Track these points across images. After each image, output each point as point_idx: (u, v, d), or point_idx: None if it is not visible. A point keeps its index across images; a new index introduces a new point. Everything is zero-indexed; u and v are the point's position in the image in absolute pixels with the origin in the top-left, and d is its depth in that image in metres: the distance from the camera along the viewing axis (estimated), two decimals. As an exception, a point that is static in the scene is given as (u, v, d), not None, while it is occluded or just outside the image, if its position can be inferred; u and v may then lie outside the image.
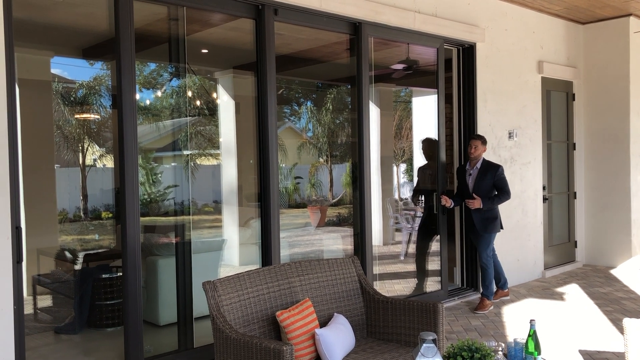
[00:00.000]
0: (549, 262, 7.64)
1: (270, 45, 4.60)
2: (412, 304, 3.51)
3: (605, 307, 5.88)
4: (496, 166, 5.89)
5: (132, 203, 3.90)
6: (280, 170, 9.32)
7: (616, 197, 7.84)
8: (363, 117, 5.34)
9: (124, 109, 3.89)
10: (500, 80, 6.76)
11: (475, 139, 5.95)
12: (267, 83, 4.59)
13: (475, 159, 5.92)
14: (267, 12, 4.57)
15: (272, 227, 4.64)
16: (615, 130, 7.82)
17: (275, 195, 4.67)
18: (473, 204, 5.77)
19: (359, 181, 5.41)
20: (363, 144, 5.34)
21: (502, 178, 5.85)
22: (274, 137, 4.65)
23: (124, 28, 3.87)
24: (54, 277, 6.19)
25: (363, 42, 5.27)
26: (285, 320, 3.20)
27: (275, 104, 4.66)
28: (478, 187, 5.84)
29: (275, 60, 4.64)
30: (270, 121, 4.62)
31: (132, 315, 3.90)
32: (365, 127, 5.35)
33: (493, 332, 5.12)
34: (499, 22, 6.72)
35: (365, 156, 5.36)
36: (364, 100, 5.33)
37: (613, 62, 7.82)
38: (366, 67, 5.32)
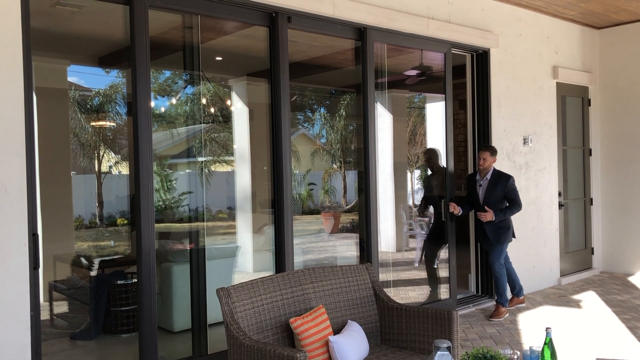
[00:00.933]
0: (565, 269, 7.56)
1: (284, 53, 4.62)
2: (426, 311, 3.49)
3: (622, 315, 5.80)
4: (507, 177, 5.79)
5: (147, 210, 3.92)
6: (294, 177, 9.34)
7: (633, 203, 7.75)
8: (368, 123, 5.30)
9: (139, 116, 3.92)
10: (515, 85, 6.73)
11: (484, 150, 5.84)
12: (281, 90, 4.61)
13: (485, 170, 5.83)
14: (280, 19, 4.60)
15: (286, 234, 4.65)
16: (631, 135, 7.74)
17: (288, 201, 4.67)
18: (485, 217, 5.67)
19: (364, 188, 5.36)
20: (369, 151, 5.31)
21: (513, 189, 5.75)
22: (287, 144, 4.66)
23: (139, 36, 3.91)
24: (69, 284, 6.24)
25: (368, 47, 5.24)
26: (299, 327, 3.20)
27: (288, 111, 4.67)
28: (488, 198, 5.74)
29: (288, 67, 4.66)
30: (284, 128, 4.63)
31: (147, 321, 3.92)
32: (370, 133, 5.31)
33: (508, 340, 5.07)
34: (513, 27, 6.69)
35: (371, 163, 5.33)
36: (369, 106, 5.29)
37: (629, 67, 7.74)
38: (371, 72, 5.28)
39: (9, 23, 3.37)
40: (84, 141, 10.19)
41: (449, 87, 6.06)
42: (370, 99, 5.29)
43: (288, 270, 4.56)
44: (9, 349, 3.33)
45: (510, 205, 5.74)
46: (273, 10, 4.56)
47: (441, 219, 6.14)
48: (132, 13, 3.89)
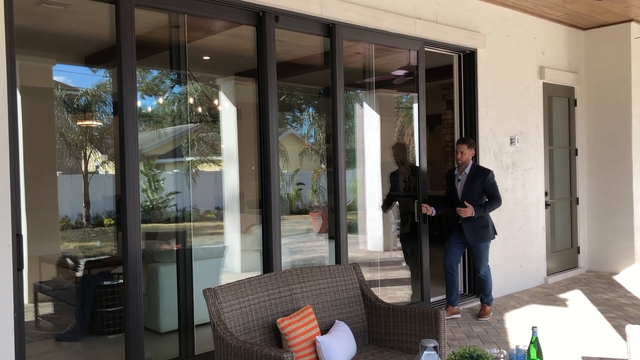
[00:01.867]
0: (552, 268, 7.61)
1: (272, 52, 4.61)
2: (413, 311, 3.50)
3: (608, 314, 5.85)
4: (486, 171, 5.65)
5: (133, 210, 3.89)
6: (282, 177, 9.31)
7: (619, 203, 7.82)
8: (338, 124, 5.12)
9: (125, 115, 3.89)
10: (502, 86, 6.76)
11: (461, 143, 5.68)
12: (268, 89, 4.60)
13: (463, 164, 5.67)
14: (268, 19, 4.58)
15: (274, 234, 4.63)
16: (617, 135, 7.81)
17: (276, 201, 4.66)
18: (465, 212, 5.48)
19: (333, 189, 5.18)
20: (338, 151, 5.12)
21: (492, 183, 5.60)
22: (275, 144, 4.65)
23: (125, 35, 3.88)
24: (55, 284, 6.19)
25: (337, 44, 5.07)
26: (286, 327, 3.19)
27: (276, 110, 4.66)
28: (467, 193, 5.59)
29: (276, 67, 4.65)
30: (272, 127, 4.62)
31: (133, 322, 3.89)
32: (339, 134, 5.13)
33: (495, 339, 5.09)
34: (500, 28, 6.73)
35: (340, 164, 5.14)
36: (338, 105, 5.10)
37: (614, 68, 7.82)
38: (340, 70, 5.12)
39: (-8, 21, 3.33)
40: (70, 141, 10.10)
41: (421, 85, 5.93)
42: (339, 97, 5.11)
43: (276, 270, 4.55)
44: (-8, 351, 3.30)
45: (489, 201, 5.58)
46: (260, 9, 4.55)
47: (414, 220, 6.00)
48: (118, 12, 3.86)
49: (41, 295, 5.91)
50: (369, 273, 6.53)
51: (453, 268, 5.72)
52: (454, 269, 5.72)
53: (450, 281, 5.75)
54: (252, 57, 4.74)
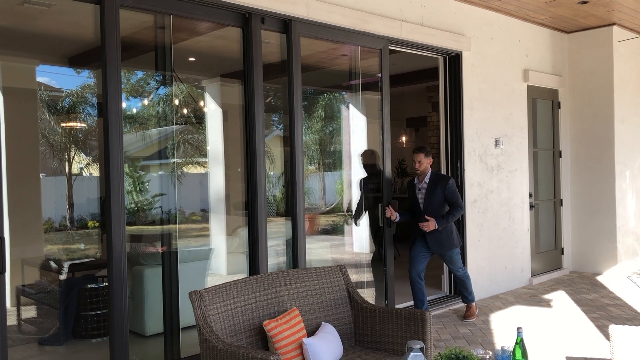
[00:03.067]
0: (536, 269, 7.68)
1: (257, 54, 4.60)
2: (399, 313, 3.51)
3: (591, 314, 5.91)
4: (446, 178, 5.51)
5: (117, 212, 3.86)
6: (269, 179, 9.28)
7: (602, 204, 7.91)
8: (295, 123, 4.87)
9: (110, 117, 3.86)
10: (487, 88, 6.81)
11: (418, 152, 5.48)
12: (254, 91, 4.59)
13: (422, 174, 5.51)
14: (254, 20, 4.57)
15: (260, 236, 4.62)
16: (600, 137, 7.90)
17: (262, 203, 4.65)
18: (428, 227, 5.33)
19: (290, 192, 4.95)
20: (295, 153, 4.87)
21: (453, 191, 5.43)
22: (261, 145, 4.64)
23: (110, 36, 3.85)
24: (38, 288, 6.12)
25: (294, 40, 4.85)
26: (272, 329, 3.18)
27: (262, 112, 4.64)
28: (429, 202, 5.43)
29: (262, 68, 4.64)
30: (258, 129, 4.61)
31: (118, 325, 3.85)
32: (297, 132, 4.88)
33: (481, 340, 5.12)
34: (485, 31, 6.78)
35: (298, 167, 4.89)
36: (295, 104, 4.86)
37: (597, 71, 7.91)
38: (297, 68, 4.86)
39: (-26, 21, 3.29)
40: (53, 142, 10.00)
41: (385, 84, 5.70)
42: (297, 97, 4.87)
43: (262, 272, 4.54)
44: (-26, 356, 3.25)
45: (451, 210, 5.41)
46: (246, 11, 4.54)
47: (378, 224, 5.79)
48: (103, 12, 3.83)
49: (24, 298, 5.84)
50: (355, 275, 6.53)
51: (421, 277, 5.54)
52: (422, 278, 5.55)
53: (419, 291, 5.53)
54: (238, 58, 4.73)
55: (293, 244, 4.93)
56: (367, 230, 6.84)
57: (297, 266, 4.88)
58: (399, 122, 13.96)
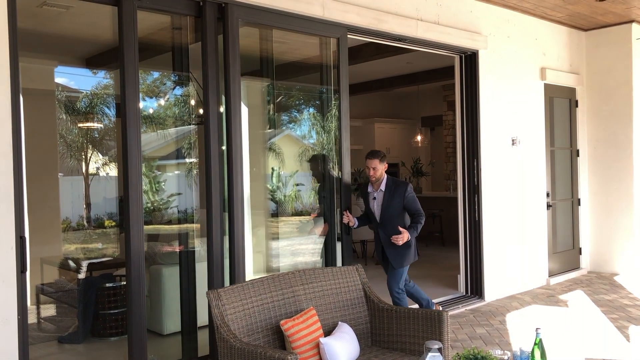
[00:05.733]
0: (554, 269, 7.61)
1: (234, 46, 4.43)
2: (416, 313, 3.50)
3: (610, 315, 5.85)
4: (403, 184, 4.93)
5: (136, 211, 3.89)
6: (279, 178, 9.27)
7: (620, 204, 7.82)
8: (233, 116, 4.37)
9: (128, 117, 3.89)
10: (503, 87, 6.77)
11: (371, 157, 4.90)
12: (230, 88, 4.32)
13: (377, 181, 4.95)
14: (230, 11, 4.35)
15: (236, 241, 4.34)
16: (618, 136, 7.81)
17: (239, 204, 4.37)
18: (402, 239, 4.73)
19: (229, 197, 4.39)
20: (234, 151, 4.37)
21: (412, 197, 4.87)
22: (238, 142, 4.37)
23: (128, 37, 3.88)
24: (57, 287, 6.19)
25: (231, 26, 4.35)
26: (289, 329, 3.19)
27: (239, 108, 4.39)
28: (386, 212, 4.88)
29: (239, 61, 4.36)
30: (235, 132, 4.34)
31: (136, 324, 3.89)
32: (235, 132, 4.39)
33: (498, 340, 5.09)
34: (501, 29, 6.73)
35: (236, 166, 4.38)
36: (233, 95, 4.37)
37: (616, 69, 7.82)
38: (235, 57, 4.37)
39: (-4, 23, 3.34)
40: (71, 142, 10.11)
41: (344, 77, 5.19)
42: (235, 89, 4.38)
43: (239, 280, 4.31)
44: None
45: (415, 218, 4.86)
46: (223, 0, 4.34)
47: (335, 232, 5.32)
48: (121, 14, 3.86)
49: (43, 297, 5.91)
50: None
51: (408, 286, 5.18)
52: (408, 286, 5.18)
53: (415, 295, 5.23)
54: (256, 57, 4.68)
55: (230, 256, 4.41)
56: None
57: (234, 280, 4.34)
58: (414, 121, 13.93)
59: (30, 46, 6.16)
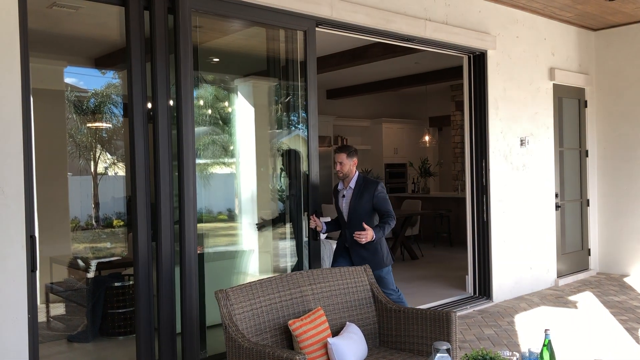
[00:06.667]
0: (562, 270, 7.58)
1: (186, 39, 4.36)
2: (424, 313, 3.49)
3: (620, 316, 5.82)
4: (374, 183, 4.60)
5: (143, 211, 3.90)
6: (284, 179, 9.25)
7: (630, 205, 7.77)
8: (184, 116, 4.07)
9: (135, 117, 3.90)
10: (512, 87, 6.74)
11: (339, 152, 4.62)
12: (182, 83, 4.06)
13: (346, 177, 4.64)
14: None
15: (188, 247, 4.07)
16: (628, 137, 7.76)
17: (191, 210, 4.09)
18: (365, 237, 4.33)
19: (179, 197, 4.11)
20: (184, 150, 4.08)
21: (383, 198, 4.55)
22: (190, 144, 4.11)
23: (135, 37, 3.88)
24: (66, 286, 6.23)
25: (182, 17, 4.04)
26: (297, 329, 3.19)
27: (191, 110, 4.12)
28: (354, 211, 4.57)
29: (192, 55, 4.11)
30: (186, 126, 4.07)
31: (144, 323, 3.90)
32: (187, 129, 4.09)
33: (506, 342, 5.07)
34: (510, 29, 6.71)
35: (188, 167, 4.10)
36: (184, 92, 4.07)
37: (625, 69, 7.77)
38: (187, 51, 4.06)
39: (7, 25, 3.36)
40: (79, 142, 10.16)
41: (311, 73, 4.88)
42: (186, 85, 4.08)
43: (189, 290, 4.08)
44: (6, 352, 3.32)
45: (383, 219, 4.53)
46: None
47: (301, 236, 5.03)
48: (128, 14, 3.86)
49: (53, 296, 5.95)
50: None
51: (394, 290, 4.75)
52: (395, 291, 4.74)
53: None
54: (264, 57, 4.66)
55: (181, 266, 4.09)
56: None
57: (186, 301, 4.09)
58: (422, 121, 13.91)
59: (40, 47, 6.20)
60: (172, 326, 4.02)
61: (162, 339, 3.98)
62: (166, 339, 3.99)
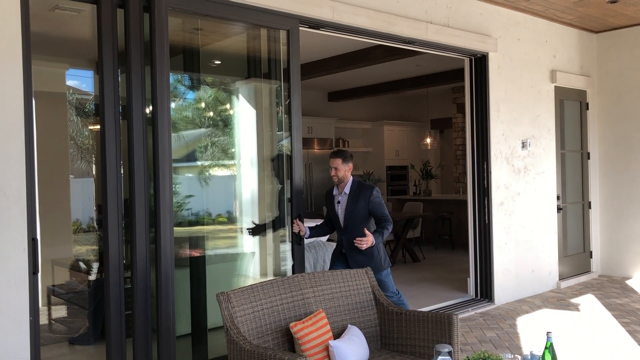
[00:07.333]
0: (564, 272, 7.57)
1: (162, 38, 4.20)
2: (426, 316, 3.49)
3: (622, 319, 5.81)
4: (369, 188, 4.59)
5: (141, 214, 3.86)
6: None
7: (632, 207, 7.76)
8: (160, 117, 3.94)
9: (134, 119, 3.84)
10: (513, 89, 6.74)
11: (334, 157, 4.60)
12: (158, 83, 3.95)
13: (341, 182, 4.63)
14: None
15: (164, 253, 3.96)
16: (630, 139, 7.76)
17: (167, 217, 3.96)
18: (366, 242, 4.30)
19: (155, 200, 3.96)
20: (160, 151, 3.95)
21: (379, 202, 4.56)
22: (167, 148, 4.00)
23: (135, 40, 3.85)
24: (68, 288, 6.23)
25: (157, 15, 3.92)
26: (299, 331, 3.19)
27: (167, 111, 3.99)
28: (350, 216, 4.56)
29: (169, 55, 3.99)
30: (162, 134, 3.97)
31: (141, 326, 3.87)
32: (163, 135, 3.96)
33: (508, 344, 5.07)
34: (511, 31, 6.71)
35: (164, 169, 3.96)
36: (159, 90, 3.94)
37: (627, 71, 7.77)
38: (163, 51, 3.94)
39: (9, 27, 3.37)
40: (81, 145, 10.17)
41: (294, 73, 4.75)
42: (163, 87, 3.96)
43: (165, 295, 4.00)
44: (8, 354, 3.32)
45: (381, 224, 4.52)
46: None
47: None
48: (127, 16, 3.84)
49: (54, 298, 5.95)
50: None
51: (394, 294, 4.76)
52: (395, 293, 4.77)
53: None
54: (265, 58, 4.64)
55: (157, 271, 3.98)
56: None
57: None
58: (423, 124, 13.91)
59: (42, 49, 6.21)
60: (146, 331, 3.92)
61: (136, 344, 3.90)
62: (140, 344, 3.89)
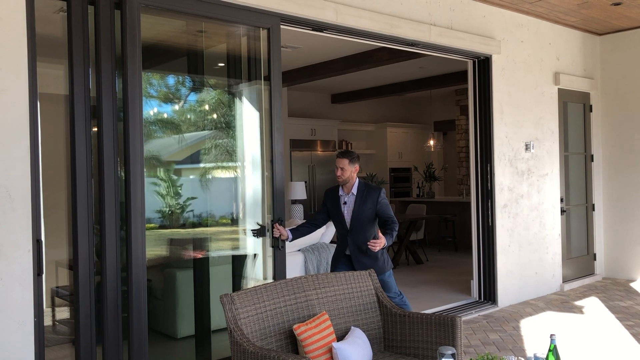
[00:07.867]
0: (568, 275, 7.55)
1: (133, 36, 4.30)
2: (429, 318, 3.49)
3: (626, 321, 5.79)
4: (376, 189, 4.56)
5: (137, 215, 3.83)
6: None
7: (636, 209, 7.74)
8: (131, 118, 3.91)
9: (130, 121, 3.83)
10: (517, 91, 6.74)
11: (341, 157, 4.53)
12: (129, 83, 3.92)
13: (347, 183, 4.56)
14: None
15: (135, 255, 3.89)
16: (633, 141, 7.74)
17: (138, 221, 3.89)
18: (379, 244, 4.28)
19: (126, 202, 3.91)
20: (131, 153, 3.90)
21: (386, 204, 4.55)
22: (138, 149, 3.93)
23: (132, 43, 3.82)
24: (72, 289, 6.23)
25: (129, 11, 3.83)
26: (302, 333, 3.20)
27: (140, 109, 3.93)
28: (357, 218, 4.51)
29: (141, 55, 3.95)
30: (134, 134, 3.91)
31: (137, 329, 3.85)
32: (135, 135, 3.91)
33: (511, 346, 5.06)
34: (515, 33, 6.71)
35: (133, 168, 3.89)
36: (132, 96, 3.92)
37: (630, 73, 7.76)
38: (134, 49, 3.88)
39: (15, 30, 3.40)
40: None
41: (275, 73, 4.61)
42: (135, 86, 3.91)
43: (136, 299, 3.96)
44: (12, 355, 3.34)
45: (388, 225, 4.51)
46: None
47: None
48: (124, 17, 3.80)
49: (58, 300, 5.96)
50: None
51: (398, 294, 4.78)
52: (397, 294, 4.78)
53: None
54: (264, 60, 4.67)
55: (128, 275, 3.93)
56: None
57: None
58: (426, 126, 13.91)
59: (46, 52, 6.23)
60: (117, 336, 3.90)
61: (106, 347, 3.88)
62: (112, 347, 3.87)
